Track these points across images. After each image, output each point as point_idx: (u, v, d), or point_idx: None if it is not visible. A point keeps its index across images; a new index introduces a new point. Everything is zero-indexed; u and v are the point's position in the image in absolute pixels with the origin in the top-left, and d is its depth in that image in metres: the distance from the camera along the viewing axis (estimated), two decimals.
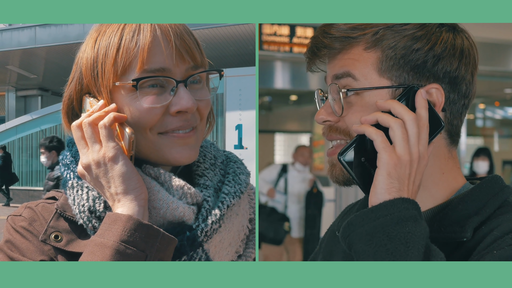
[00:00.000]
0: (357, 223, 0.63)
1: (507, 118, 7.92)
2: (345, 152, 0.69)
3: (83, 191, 0.73)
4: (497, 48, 5.81)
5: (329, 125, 0.78)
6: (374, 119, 0.68)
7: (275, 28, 6.68)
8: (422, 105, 0.68)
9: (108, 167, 0.68)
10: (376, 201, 0.64)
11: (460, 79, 0.72)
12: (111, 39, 0.71)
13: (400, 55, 0.71)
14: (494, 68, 5.96)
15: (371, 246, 0.61)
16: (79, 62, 0.75)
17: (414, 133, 0.66)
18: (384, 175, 0.64)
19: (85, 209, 0.71)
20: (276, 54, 7.07)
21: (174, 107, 0.72)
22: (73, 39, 10.26)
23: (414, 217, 0.62)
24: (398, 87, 0.71)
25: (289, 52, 6.97)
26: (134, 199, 0.67)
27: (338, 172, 0.77)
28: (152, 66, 0.70)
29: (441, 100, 0.71)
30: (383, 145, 0.65)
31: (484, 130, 7.67)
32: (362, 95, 0.73)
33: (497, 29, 5.40)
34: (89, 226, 0.71)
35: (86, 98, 0.75)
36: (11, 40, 10.87)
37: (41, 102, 14.34)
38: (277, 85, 7.44)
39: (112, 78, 0.71)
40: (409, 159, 0.65)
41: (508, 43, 5.88)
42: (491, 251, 0.63)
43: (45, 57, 11.37)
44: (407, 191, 0.65)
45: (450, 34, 0.72)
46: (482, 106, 7.71)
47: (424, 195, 0.74)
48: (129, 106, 0.71)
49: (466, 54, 0.73)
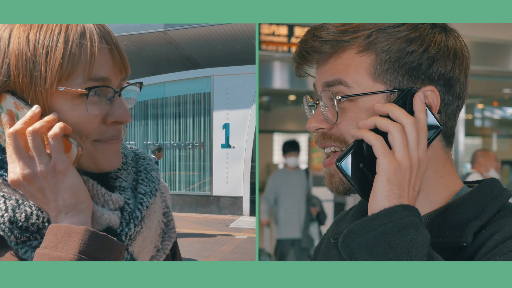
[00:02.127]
0: (357, 232, 0.61)
1: (506, 118, 7.97)
2: (343, 159, 0.67)
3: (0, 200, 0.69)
4: (495, 48, 5.84)
5: (322, 133, 0.76)
6: (372, 124, 0.67)
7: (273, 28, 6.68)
8: (420, 108, 0.67)
9: (58, 179, 0.66)
10: (376, 208, 0.63)
11: (455, 80, 0.72)
12: (53, 38, 0.68)
13: (395, 58, 0.69)
14: (492, 68, 5.99)
15: (372, 255, 0.59)
16: (2, 56, 0.68)
17: (413, 138, 0.65)
18: (383, 181, 0.63)
19: (4, 220, 0.67)
20: (275, 54, 7.09)
21: (112, 117, 0.72)
22: None
23: (416, 225, 0.60)
24: (393, 91, 0.70)
25: (288, 52, 6.99)
26: (83, 210, 0.67)
27: (337, 182, 0.75)
28: (97, 74, 0.69)
29: (436, 102, 0.70)
30: (383, 150, 0.64)
31: (483, 130, 7.71)
32: (356, 101, 0.71)
33: (495, 29, 5.43)
34: (11, 238, 0.68)
35: (8, 97, 0.69)
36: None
37: None
38: (275, 85, 7.44)
39: (55, 82, 0.67)
40: (409, 164, 0.64)
41: (506, 43, 5.91)
42: (493, 256, 0.62)
43: None
44: (407, 197, 0.64)
45: (443, 35, 0.71)
46: (481, 106, 7.73)
47: (422, 200, 0.73)
48: (70, 113, 0.69)
49: (459, 55, 0.72)
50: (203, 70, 9.62)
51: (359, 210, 0.86)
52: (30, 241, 0.69)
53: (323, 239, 0.97)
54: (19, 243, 0.68)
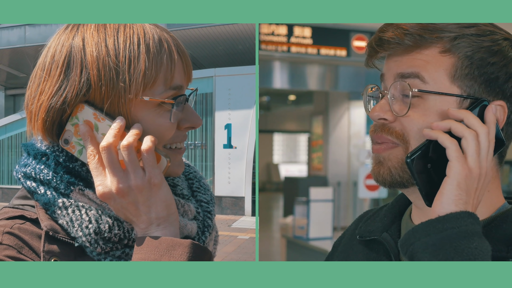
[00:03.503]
0: (423, 232, 0.61)
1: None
2: (414, 155, 0.67)
3: (81, 211, 0.69)
4: None
5: (382, 124, 0.75)
6: (448, 127, 0.67)
7: (273, 27, 6.67)
8: (492, 120, 0.68)
9: (153, 193, 0.66)
10: (441, 211, 0.63)
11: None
12: (134, 47, 0.67)
13: (476, 66, 0.70)
14: None
15: (437, 257, 0.59)
16: (80, 67, 0.67)
17: (485, 147, 0.66)
18: (453, 185, 0.63)
19: (90, 231, 0.68)
20: (274, 54, 7.07)
21: (186, 122, 0.73)
22: None
23: (479, 233, 0.61)
24: (467, 98, 0.70)
25: (287, 52, 6.96)
26: (173, 222, 0.68)
27: (385, 172, 0.74)
28: (175, 83, 0.70)
29: (503, 118, 0.71)
30: (457, 154, 0.64)
31: None
32: (427, 98, 0.71)
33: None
34: (97, 249, 0.68)
35: (86, 108, 0.67)
36: (1, 39, 10.91)
37: None
38: (275, 85, 7.44)
39: (140, 92, 0.67)
40: (479, 173, 0.65)
41: None
42: None
43: (35, 56, 11.32)
44: (472, 205, 0.64)
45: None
46: None
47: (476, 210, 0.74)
48: (152, 122, 0.69)
49: None
50: (205, 71, 9.60)
51: (393, 211, 0.86)
52: (113, 251, 0.70)
53: (344, 234, 0.97)
54: (101, 253, 0.69)
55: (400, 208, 0.86)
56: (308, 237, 4.52)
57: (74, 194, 0.70)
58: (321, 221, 4.66)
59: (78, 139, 0.69)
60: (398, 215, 0.85)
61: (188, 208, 0.76)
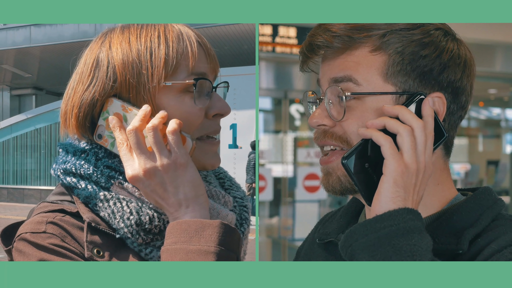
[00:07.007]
0: (361, 232, 0.61)
1: (492, 119, 7.96)
2: (349, 157, 0.66)
3: (122, 203, 0.71)
4: (481, 48, 5.80)
5: (324, 130, 0.74)
6: (382, 124, 0.66)
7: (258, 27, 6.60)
8: (429, 113, 0.67)
9: (179, 173, 0.68)
10: (380, 210, 0.62)
11: (462, 89, 0.72)
12: (154, 40, 0.71)
13: (408, 61, 0.69)
14: (478, 69, 5.94)
15: (375, 257, 0.59)
16: (106, 63, 0.72)
17: (422, 142, 0.65)
18: (390, 182, 0.62)
19: (131, 222, 0.69)
20: (260, 54, 6.88)
21: (213, 110, 0.75)
22: (68, 38, 10.32)
23: (419, 229, 0.60)
24: (403, 94, 0.69)
25: (272, 52, 6.83)
26: (202, 204, 0.69)
27: (334, 181, 0.73)
28: (197, 70, 0.72)
29: (443, 109, 0.70)
30: (391, 151, 0.63)
31: (469, 130, 7.67)
32: (364, 100, 0.70)
33: (481, 29, 5.37)
34: (138, 240, 0.70)
35: (115, 101, 0.72)
36: (6, 39, 10.90)
37: (35, 101, 14.38)
38: (260, 85, 7.44)
39: (162, 78, 0.70)
40: (416, 168, 0.64)
41: (492, 43, 5.89)
42: None
43: (40, 57, 11.39)
44: (412, 201, 0.63)
45: (455, 44, 0.71)
46: None
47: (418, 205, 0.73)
48: (177, 108, 0.72)
49: (469, 65, 0.72)
50: None
51: (348, 212, 0.86)
52: (153, 242, 0.71)
53: (306, 239, 0.96)
54: (142, 244, 0.70)
55: (357, 208, 0.86)
56: (294, 238, 4.53)
57: (114, 187, 0.72)
58: (307, 221, 4.59)
59: (110, 132, 0.72)
60: (354, 215, 0.85)
61: (228, 199, 0.78)
